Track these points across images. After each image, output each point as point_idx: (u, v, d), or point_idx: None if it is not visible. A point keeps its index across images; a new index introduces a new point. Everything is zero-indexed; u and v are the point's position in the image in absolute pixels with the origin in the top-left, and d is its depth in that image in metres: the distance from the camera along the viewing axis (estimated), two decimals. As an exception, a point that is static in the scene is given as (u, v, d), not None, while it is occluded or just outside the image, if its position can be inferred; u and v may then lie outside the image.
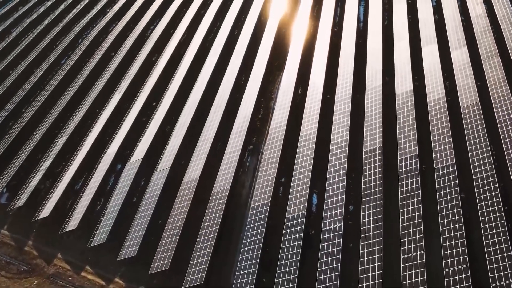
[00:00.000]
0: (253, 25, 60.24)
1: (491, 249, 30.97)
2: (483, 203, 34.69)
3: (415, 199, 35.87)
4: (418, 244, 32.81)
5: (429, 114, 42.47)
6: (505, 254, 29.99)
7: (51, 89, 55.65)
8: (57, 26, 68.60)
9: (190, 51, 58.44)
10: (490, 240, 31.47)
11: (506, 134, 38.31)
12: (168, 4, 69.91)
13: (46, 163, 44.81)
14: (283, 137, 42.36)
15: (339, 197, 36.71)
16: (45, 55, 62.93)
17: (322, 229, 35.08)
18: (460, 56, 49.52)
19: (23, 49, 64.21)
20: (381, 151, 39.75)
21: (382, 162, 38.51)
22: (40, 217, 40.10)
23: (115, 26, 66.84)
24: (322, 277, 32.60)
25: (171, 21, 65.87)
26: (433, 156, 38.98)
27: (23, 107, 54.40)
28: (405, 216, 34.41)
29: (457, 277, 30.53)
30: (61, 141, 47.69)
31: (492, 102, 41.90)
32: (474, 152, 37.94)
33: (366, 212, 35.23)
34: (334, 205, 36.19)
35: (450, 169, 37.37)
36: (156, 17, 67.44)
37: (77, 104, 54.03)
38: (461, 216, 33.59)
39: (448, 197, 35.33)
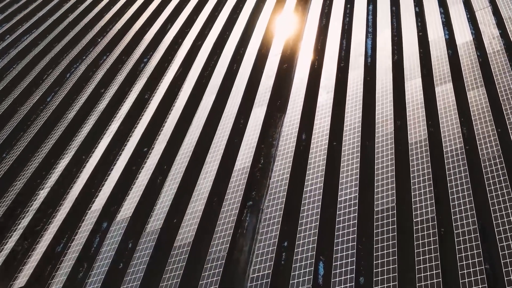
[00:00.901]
0: (253, 59, 57.58)
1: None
2: (511, 276, 31.67)
3: (434, 271, 32.75)
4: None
5: (446, 168, 39.54)
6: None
7: (35, 131, 52.75)
8: (45, 59, 65.99)
9: (185, 88, 55.70)
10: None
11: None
12: (163, 34, 67.62)
13: (25, 220, 40.90)
14: (285, 193, 39.39)
15: (349, 268, 33.73)
16: (30, 92, 60.13)
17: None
18: (477, 97, 46.62)
19: (8, 84, 60.95)
20: (395, 211, 37.18)
21: (396, 225, 34.56)
22: (15, 287, 36.06)
23: (106, 59, 64.30)
24: None
25: (166, 53, 63.38)
26: (453, 218, 36.32)
27: (4, 152, 50.56)
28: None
29: None
30: (42, 193, 44.82)
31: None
32: (498, 214, 34.96)
33: (379, 287, 32.10)
34: (343, 277, 33.12)
35: (472, 235, 34.48)
36: (150, 49, 64.98)
37: (62, 149, 50.94)
38: (486, 285, 30.65)
39: (471, 269, 32.27)
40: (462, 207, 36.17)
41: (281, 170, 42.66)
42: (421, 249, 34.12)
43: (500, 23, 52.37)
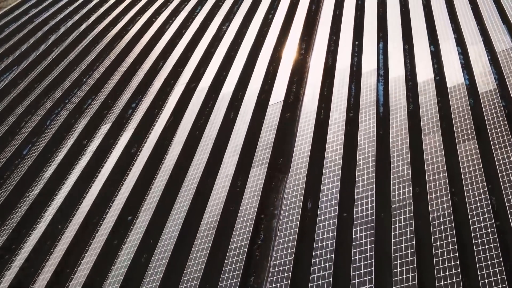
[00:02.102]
0: (252, 106, 53.33)
1: None
2: None
3: None
4: None
5: (475, 251, 34.98)
6: None
7: (6, 194, 48.03)
8: (23, 103, 61.72)
9: (175, 143, 51.28)
10: None
11: None
12: (154, 74, 63.30)
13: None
14: (289, 282, 34.67)
15: None
16: (5, 142, 55.50)
17: None
18: (505, 158, 42.02)
19: (-18, 134, 57.86)
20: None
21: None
22: None
23: (90, 103, 60.16)
24: None
25: (156, 98, 59.30)
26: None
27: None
28: None
29: None
30: (9, 274, 39.85)
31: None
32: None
33: None
34: None
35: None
36: (139, 93, 60.69)
37: (35, 217, 45.91)
38: None
39: None
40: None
41: (284, 250, 37.81)
42: None
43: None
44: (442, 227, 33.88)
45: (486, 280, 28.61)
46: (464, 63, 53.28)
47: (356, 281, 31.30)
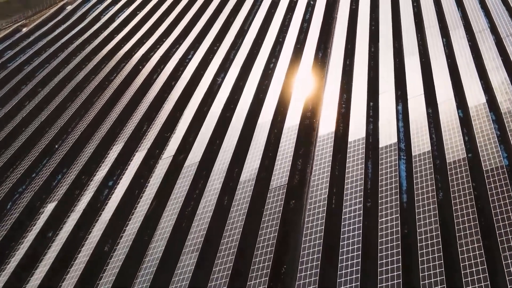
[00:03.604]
0: (250, 193, 46.22)
1: None
2: None
3: None
4: None
5: None
6: None
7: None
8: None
9: (158, 239, 43.91)
10: None
11: None
12: (137, 143, 55.98)
13: None
14: None
15: None
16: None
17: None
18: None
19: None
20: None
21: None
22: None
23: (61, 179, 53.16)
24: None
25: (139, 171, 52.18)
26: None
27: None
28: None
29: None
30: None
31: None
32: None
33: None
34: None
35: None
36: (118, 166, 53.37)
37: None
38: None
39: None
40: None
41: None
42: None
43: None
44: None
45: None
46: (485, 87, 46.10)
47: None
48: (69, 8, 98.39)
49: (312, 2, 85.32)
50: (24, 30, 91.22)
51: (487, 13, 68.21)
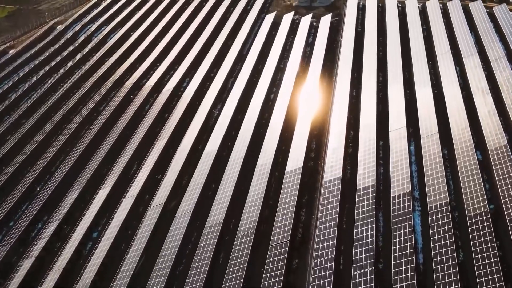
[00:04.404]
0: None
1: None
2: None
3: None
4: None
5: None
6: None
7: None
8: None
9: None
10: None
11: None
12: (118, 198, 51.73)
13: None
14: None
15: None
16: None
17: None
18: None
19: None
20: None
21: None
22: None
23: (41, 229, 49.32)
24: None
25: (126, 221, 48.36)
26: None
27: None
28: None
29: None
30: None
31: None
32: None
33: None
34: None
35: None
36: (103, 216, 49.61)
37: None
38: None
39: None
40: None
41: None
42: None
43: None
44: None
45: None
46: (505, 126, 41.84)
47: None
48: (60, 28, 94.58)
49: (315, 24, 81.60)
50: (11, 52, 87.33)
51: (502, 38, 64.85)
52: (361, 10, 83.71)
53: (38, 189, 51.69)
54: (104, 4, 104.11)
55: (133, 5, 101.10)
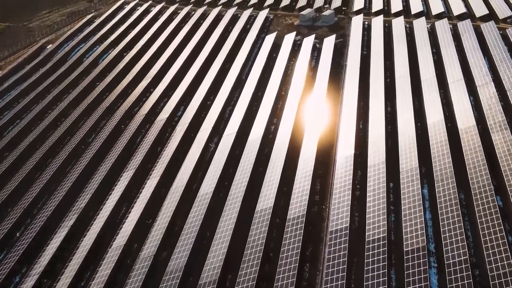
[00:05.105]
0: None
1: None
2: None
3: None
4: None
5: None
6: None
7: None
8: None
9: None
10: None
11: None
12: (105, 244, 48.20)
13: None
14: None
15: None
16: None
17: None
18: None
19: None
20: None
21: None
22: None
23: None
24: None
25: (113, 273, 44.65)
26: None
27: None
28: None
29: None
30: None
31: None
32: None
33: None
34: None
35: None
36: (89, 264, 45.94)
37: None
38: None
39: None
40: None
41: None
42: None
43: None
44: None
45: None
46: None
47: None
48: (50, 47, 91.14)
49: (318, 45, 78.01)
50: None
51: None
52: (366, 31, 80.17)
53: (18, 235, 47.99)
54: (97, 22, 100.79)
55: (127, 23, 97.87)
